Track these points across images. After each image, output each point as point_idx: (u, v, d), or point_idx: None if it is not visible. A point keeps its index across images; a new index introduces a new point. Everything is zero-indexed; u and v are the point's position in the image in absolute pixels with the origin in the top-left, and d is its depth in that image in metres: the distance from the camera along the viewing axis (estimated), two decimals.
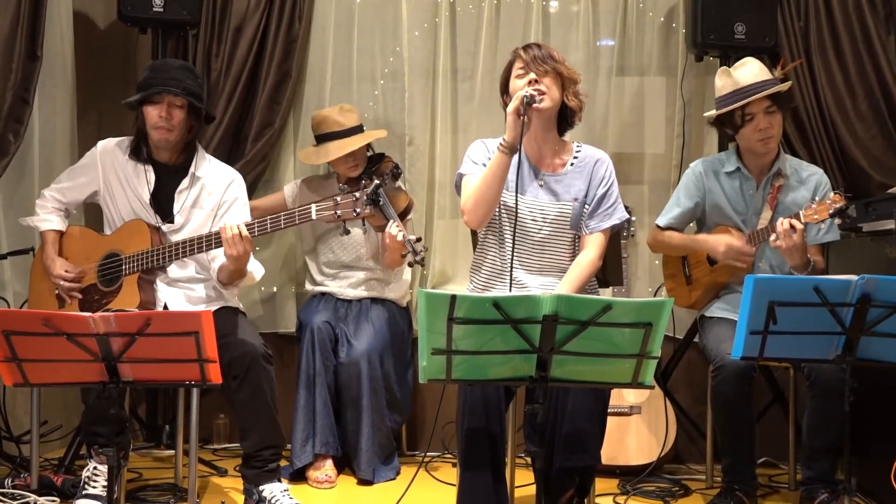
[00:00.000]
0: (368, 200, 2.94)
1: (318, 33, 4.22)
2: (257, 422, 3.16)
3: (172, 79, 3.25)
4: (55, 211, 3.43)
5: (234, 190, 3.42)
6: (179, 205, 3.34)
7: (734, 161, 3.42)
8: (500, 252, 3.02)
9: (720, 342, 3.17)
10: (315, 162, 3.90)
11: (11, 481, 3.33)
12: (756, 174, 3.40)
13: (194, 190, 3.37)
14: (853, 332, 2.48)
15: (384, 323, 3.81)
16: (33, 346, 2.38)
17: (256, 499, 3.17)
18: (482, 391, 2.68)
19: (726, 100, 3.33)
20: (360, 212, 2.95)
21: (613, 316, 2.18)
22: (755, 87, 3.27)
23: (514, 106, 2.84)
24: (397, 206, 3.58)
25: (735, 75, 3.32)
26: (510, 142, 2.85)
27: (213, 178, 3.40)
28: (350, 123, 3.82)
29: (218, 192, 3.39)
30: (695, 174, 3.49)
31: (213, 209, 3.38)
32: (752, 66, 3.33)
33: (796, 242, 3.05)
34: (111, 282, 3.28)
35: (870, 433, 3.16)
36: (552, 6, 4.25)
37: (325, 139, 3.82)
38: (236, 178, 3.45)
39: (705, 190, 3.46)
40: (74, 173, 3.47)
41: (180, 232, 3.33)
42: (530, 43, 3.02)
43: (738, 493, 3.14)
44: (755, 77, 3.29)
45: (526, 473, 3.44)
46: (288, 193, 3.99)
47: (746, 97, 3.26)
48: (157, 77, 3.27)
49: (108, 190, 3.39)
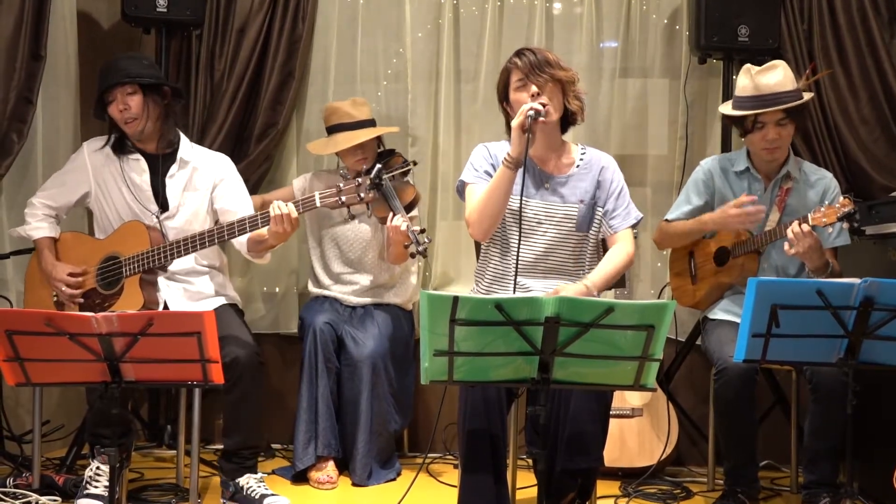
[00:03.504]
0: (371, 185, 2.94)
1: (322, 34, 4.22)
2: (243, 423, 3.21)
3: (116, 71, 3.28)
4: (46, 218, 3.42)
5: (225, 168, 3.46)
6: (171, 189, 3.36)
7: (744, 161, 3.41)
8: (504, 255, 3.02)
9: (723, 344, 3.16)
10: (324, 152, 3.89)
11: (13, 481, 3.33)
12: (765, 175, 3.39)
13: (185, 173, 3.39)
14: (856, 336, 2.48)
15: (387, 326, 3.80)
16: (36, 346, 2.38)
17: (232, 490, 3.23)
18: (484, 393, 2.68)
19: (742, 103, 3.29)
20: (363, 196, 2.96)
21: (616, 318, 2.18)
22: (773, 98, 3.22)
23: (518, 122, 2.82)
24: (404, 198, 3.58)
25: (757, 80, 3.25)
26: (515, 157, 2.84)
27: (202, 161, 3.43)
28: (361, 116, 3.82)
29: (210, 171, 3.42)
30: (704, 172, 3.47)
31: (206, 189, 3.41)
32: (776, 74, 3.25)
33: (811, 244, 3.03)
34: (111, 285, 3.28)
35: (872, 437, 3.16)
36: (555, 8, 4.25)
37: (335, 130, 3.82)
38: (225, 158, 3.51)
39: (714, 188, 3.44)
40: (63, 177, 3.46)
41: (176, 217, 3.35)
42: (522, 49, 2.98)
43: (740, 496, 3.14)
44: (777, 86, 3.22)
45: (527, 475, 3.43)
46: (297, 187, 3.98)
47: (761, 107, 3.22)
48: (102, 79, 3.31)
49: (102, 189, 3.39)
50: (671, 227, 3.50)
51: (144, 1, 3.88)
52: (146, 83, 3.30)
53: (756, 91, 3.25)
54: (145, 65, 3.38)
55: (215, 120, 4.06)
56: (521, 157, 2.83)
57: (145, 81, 3.30)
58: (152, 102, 3.32)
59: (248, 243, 3.29)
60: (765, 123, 3.25)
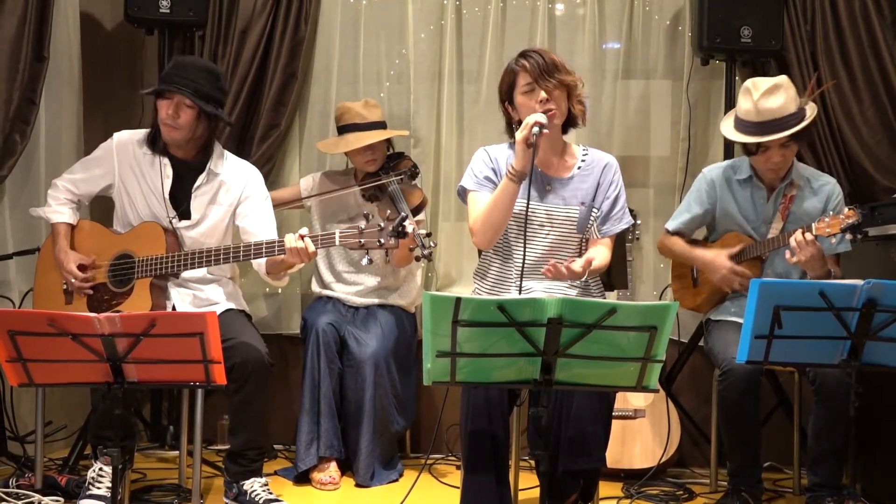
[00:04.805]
0: (394, 233, 2.90)
1: (324, 35, 4.23)
2: (249, 423, 3.20)
3: (188, 79, 3.20)
4: (68, 203, 3.39)
5: (253, 185, 3.41)
6: (196, 201, 3.32)
7: (747, 169, 3.39)
8: (506, 259, 3.02)
9: (727, 346, 3.16)
10: (333, 151, 3.90)
11: (16, 481, 3.33)
12: (768, 184, 3.38)
13: (212, 185, 3.35)
14: (858, 337, 2.48)
15: (390, 326, 3.80)
16: (38, 347, 2.38)
17: (236, 492, 3.22)
18: (486, 394, 2.68)
19: (745, 128, 3.25)
20: (383, 242, 2.91)
21: (618, 319, 2.18)
22: (777, 124, 3.17)
23: (523, 135, 2.80)
24: (411, 201, 3.59)
25: (759, 105, 3.18)
26: (519, 171, 2.83)
27: (231, 175, 3.38)
28: (372, 118, 3.82)
29: (236, 188, 3.37)
30: (707, 181, 3.46)
31: (230, 205, 3.37)
32: (778, 97, 3.18)
33: (813, 253, 3.03)
34: (122, 283, 3.26)
35: (875, 438, 3.16)
36: (558, 9, 4.25)
37: (345, 130, 3.82)
38: (254, 173, 3.45)
39: (717, 198, 3.44)
40: (89, 164, 3.42)
41: (196, 228, 3.32)
42: (527, 51, 2.97)
43: (744, 495, 3.13)
44: (779, 110, 3.17)
45: (530, 476, 3.43)
46: (304, 186, 3.98)
47: (765, 134, 3.18)
48: (173, 73, 3.23)
49: (123, 183, 3.36)
50: (668, 244, 3.54)
51: (147, 2, 3.88)
52: (208, 111, 3.23)
53: (759, 117, 3.20)
54: (218, 87, 3.29)
55: None
56: (525, 170, 2.82)
57: (208, 110, 3.22)
58: (202, 123, 3.27)
59: (266, 265, 3.26)
60: (769, 147, 3.22)
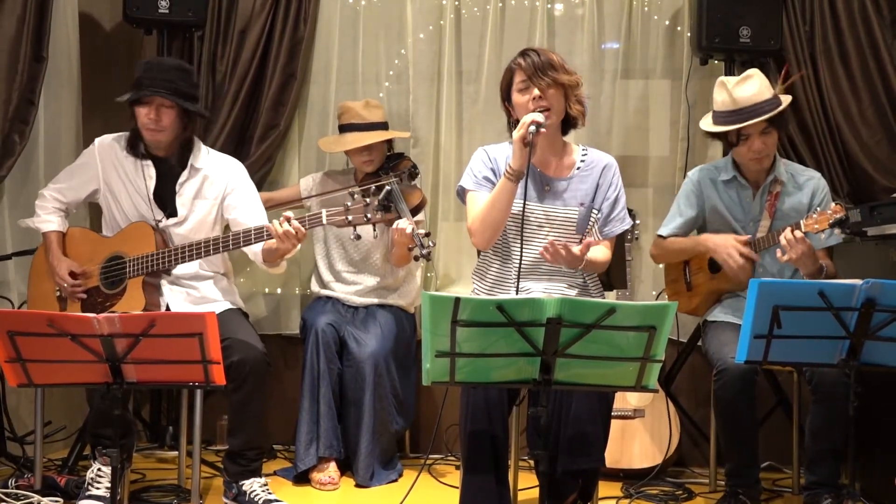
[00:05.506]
0: (380, 206, 2.93)
1: (323, 35, 4.23)
2: (248, 423, 3.20)
3: (163, 80, 3.22)
4: (56, 211, 3.42)
5: (237, 177, 3.43)
6: (181, 197, 3.34)
7: (730, 170, 3.40)
8: (505, 259, 3.02)
9: (723, 346, 3.16)
10: (332, 150, 3.92)
11: (15, 482, 3.33)
12: (752, 182, 3.38)
13: (195, 181, 3.37)
14: (857, 337, 2.48)
15: (389, 326, 3.80)
16: (37, 347, 2.38)
17: (235, 492, 3.23)
18: (485, 394, 2.68)
19: (723, 118, 3.28)
20: (370, 217, 2.96)
21: (617, 319, 2.18)
22: (753, 110, 3.21)
23: (520, 134, 2.81)
24: (410, 202, 3.59)
25: (734, 94, 3.23)
26: (517, 170, 2.84)
27: (213, 168, 3.40)
28: (372, 118, 3.83)
29: (221, 181, 3.39)
30: (693, 183, 3.47)
31: (216, 198, 3.39)
32: (752, 85, 3.24)
33: (804, 251, 3.04)
34: (114, 284, 3.28)
35: (874, 438, 3.16)
36: (557, 9, 4.25)
37: (346, 129, 3.83)
38: (236, 165, 3.47)
39: (704, 198, 3.45)
40: (73, 172, 3.45)
41: (184, 224, 3.34)
42: (527, 49, 2.98)
43: (741, 497, 3.13)
44: (754, 97, 3.22)
45: (529, 476, 3.43)
46: (304, 187, 3.99)
47: (743, 121, 3.21)
48: (148, 77, 3.24)
49: (109, 187, 3.38)
50: (668, 244, 3.51)
51: (146, 2, 3.89)
52: (188, 108, 3.25)
53: (734, 105, 3.23)
54: (192, 82, 3.32)
55: (217, 121, 4.06)
56: (522, 170, 2.83)
57: (189, 108, 3.25)
58: (182, 120, 3.30)
59: (262, 253, 3.28)
60: (749, 135, 3.24)
